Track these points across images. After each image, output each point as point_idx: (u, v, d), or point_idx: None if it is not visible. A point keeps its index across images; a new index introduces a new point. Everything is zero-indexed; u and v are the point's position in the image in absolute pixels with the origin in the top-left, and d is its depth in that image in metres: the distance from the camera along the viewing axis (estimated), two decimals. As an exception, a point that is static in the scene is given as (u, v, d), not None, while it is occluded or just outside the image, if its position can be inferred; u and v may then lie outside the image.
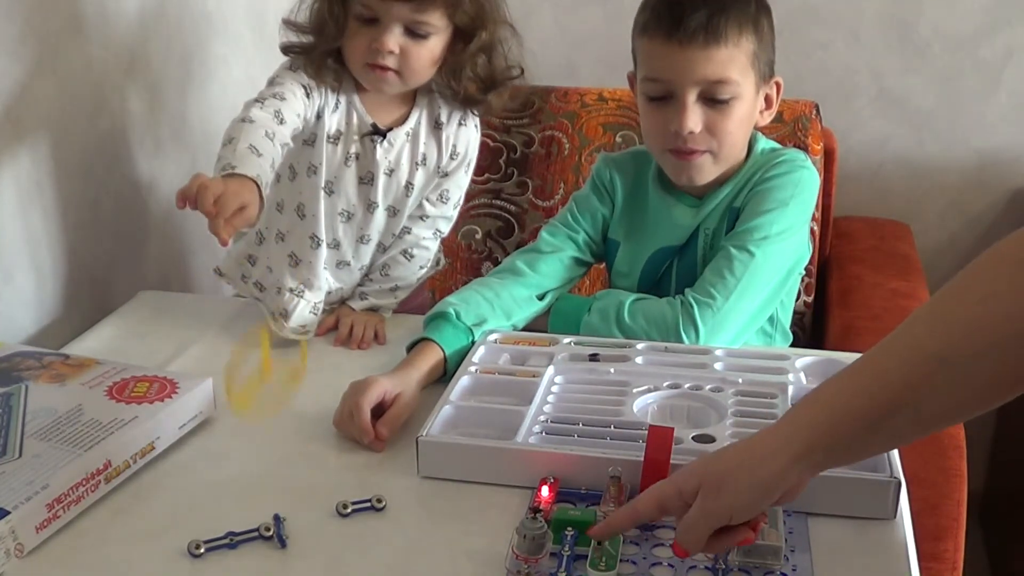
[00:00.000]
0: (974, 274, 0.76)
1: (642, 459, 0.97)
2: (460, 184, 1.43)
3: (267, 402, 1.20)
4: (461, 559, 0.92)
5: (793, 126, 1.79)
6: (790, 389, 1.12)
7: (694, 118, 1.25)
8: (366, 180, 1.36)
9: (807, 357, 1.21)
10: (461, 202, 1.46)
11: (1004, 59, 2.02)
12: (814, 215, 1.77)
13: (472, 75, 1.35)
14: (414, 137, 1.37)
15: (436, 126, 1.38)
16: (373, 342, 1.37)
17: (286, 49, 1.35)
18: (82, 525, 0.98)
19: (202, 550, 0.93)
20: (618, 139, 1.85)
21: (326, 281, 1.40)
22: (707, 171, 1.30)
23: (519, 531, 0.88)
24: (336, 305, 1.43)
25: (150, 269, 1.63)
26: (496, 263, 1.81)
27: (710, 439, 1.04)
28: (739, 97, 1.26)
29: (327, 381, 1.23)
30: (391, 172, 1.36)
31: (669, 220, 1.37)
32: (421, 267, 1.44)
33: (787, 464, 0.80)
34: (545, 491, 0.98)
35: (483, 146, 1.91)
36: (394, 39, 1.27)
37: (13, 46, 1.31)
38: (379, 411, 1.12)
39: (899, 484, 0.96)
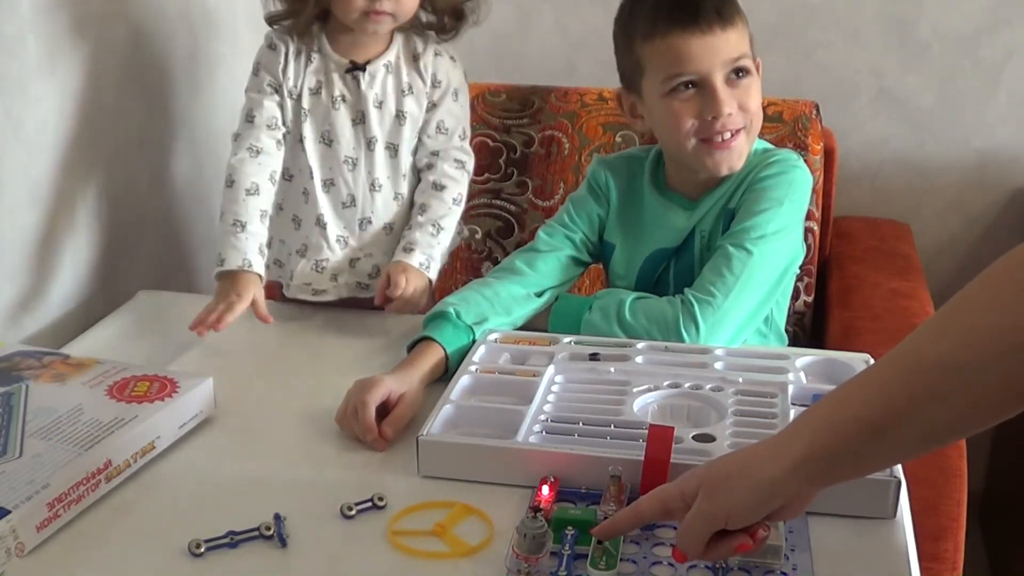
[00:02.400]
0: (980, 285, 0.75)
1: (642, 459, 0.97)
2: (454, 113, 1.47)
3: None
4: (462, 558, 0.92)
5: (793, 126, 1.79)
6: (790, 388, 1.12)
7: (728, 100, 1.28)
8: (358, 120, 1.42)
9: (807, 357, 1.21)
10: (467, 134, 1.50)
11: (1004, 59, 2.02)
12: (814, 215, 1.78)
13: (442, 6, 1.45)
14: (396, 70, 1.43)
15: (414, 59, 1.45)
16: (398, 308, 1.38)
17: (271, 19, 1.43)
18: (82, 525, 0.98)
19: (203, 549, 0.93)
20: (618, 139, 1.85)
21: (335, 235, 1.45)
22: (743, 152, 1.32)
23: (519, 530, 0.88)
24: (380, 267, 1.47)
25: (150, 269, 1.63)
26: (496, 263, 1.80)
27: (710, 438, 1.04)
28: (752, 72, 1.31)
29: (327, 381, 1.23)
30: (380, 104, 1.42)
31: (664, 222, 1.38)
32: (455, 201, 1.46)
33: (787, 469, 0.79)
34: (545, 490, 0.98)
35: (483, 146, 1.92)
36: None
37: (13, 46, 1.31)
38: (382, 410, 1.12)
39: (899, 483, 0.96)
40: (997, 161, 2.08)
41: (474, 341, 1.26)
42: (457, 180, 1.47)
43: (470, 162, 1.50)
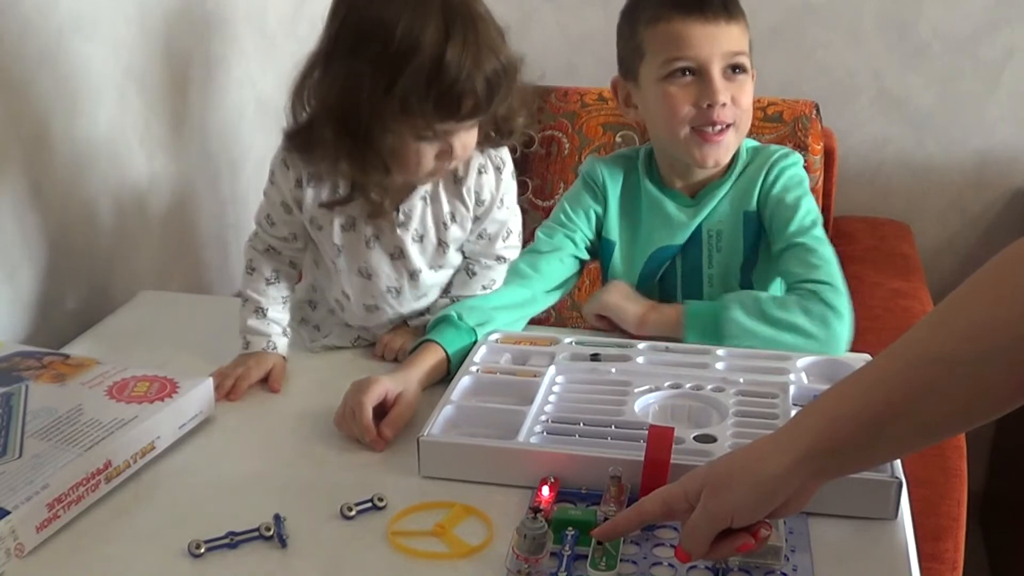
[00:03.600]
0: (979, 280, 0.76)
1: (642, 459, 0.97)
2: (498, 219, 1.30)
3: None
4: (461, 559, 0.92)
5: (793, 126, 1.80)
6: (791, 389, 1.12)
7: (724, 90, 1.30)
8: (396, 255, 1.28)
9: (808, 357, 1.21)
10: (512, 232, 1.33)
11: (1004, 59, 2.02)
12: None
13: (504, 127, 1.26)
14: (434, 198, 1.26)
15: (455, 181, 1.27)
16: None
17: (290, 142, 1.22)
18: (82, 525, 0.98)
19: (202, 550, 0.93)
20: (618, 139, 1.85)
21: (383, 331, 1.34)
22: (731, 148, 1.34)
23: (519, 531, 0.88)
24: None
25: (150, 269, 1.63)
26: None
27: (711, 439, 1.04)
28: (748, 70, 1.33)
29: (327, 381, 1.23)
30: (421, 238, 1.27)
31: (664, 219, 1.39)
32: (484, 287, 1.33)
33: (789, 466, 0.80)
34: (545, 491, 0.98)
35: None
36: (461, 144, 1.19)
37: (13, 45, 1.31)
38: (380, 410, 1.12)
39: (900, 484, 0.96)
40: (997, 161, 2.09)
41: (476, 342, 1.26)
42: (492, 268, 1.33)
43: (513, 254, 1.35)
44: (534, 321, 1.38)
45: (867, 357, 1.20)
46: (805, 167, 1.69)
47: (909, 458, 1.01)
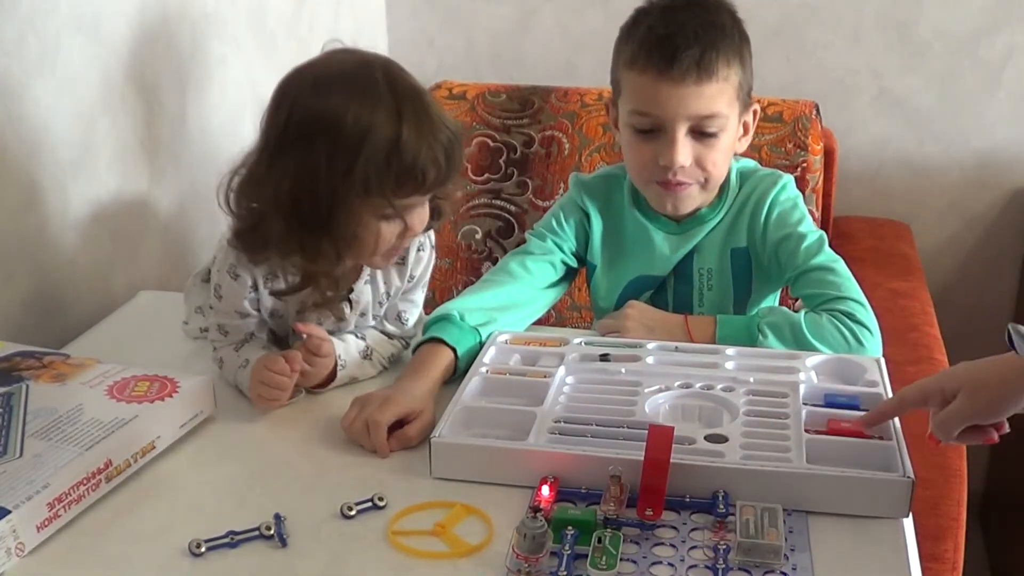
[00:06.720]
0: None
1: (642, 459, 0.97)
2: (416, 301, 1.34)
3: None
4: (461, 558, 0.92)
5: (793, 126, 1.80)
6: (801, 388, 1.12)
7: (684, 152, 1.27)
8: (333, 329, 1.28)
9: (817, 357, 1.20)
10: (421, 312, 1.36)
11: (1004, 59, 2.02)
12: (814, 215, 1.78)
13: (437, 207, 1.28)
14: (374, 278, 1.29)
15: (400, 261, 1.29)
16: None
17: (239, 242, 1.20)
18: (83, 524, 0.98)
19: (203, 549, 0.93)
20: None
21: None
22: (694, 200, 1.33)
23: (519, 530, 0.88)
24: None
25: (150, 269, 1.63)
26: (496, 263, 1.81)
27: (723, 439, 1.04)
28: (725, 129, 1.29)
29: (327, 381, 1.23)
30: (363, 314, 1.30)
31: (647, 246, 1.38)
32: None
33: None
34: (545, 490, 0.98)
35: (483, 146, 1.92)
36: (419, 220, 1.20)
37: (13, 46, 1.31)
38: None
39: (912, 483, 0.96)
40: (997, 161, 2.09)
41: (481, 344, 1.25)
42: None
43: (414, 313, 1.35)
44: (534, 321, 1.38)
45: (876, 359, 1.20)
46: (805, 167, 1.69)
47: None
